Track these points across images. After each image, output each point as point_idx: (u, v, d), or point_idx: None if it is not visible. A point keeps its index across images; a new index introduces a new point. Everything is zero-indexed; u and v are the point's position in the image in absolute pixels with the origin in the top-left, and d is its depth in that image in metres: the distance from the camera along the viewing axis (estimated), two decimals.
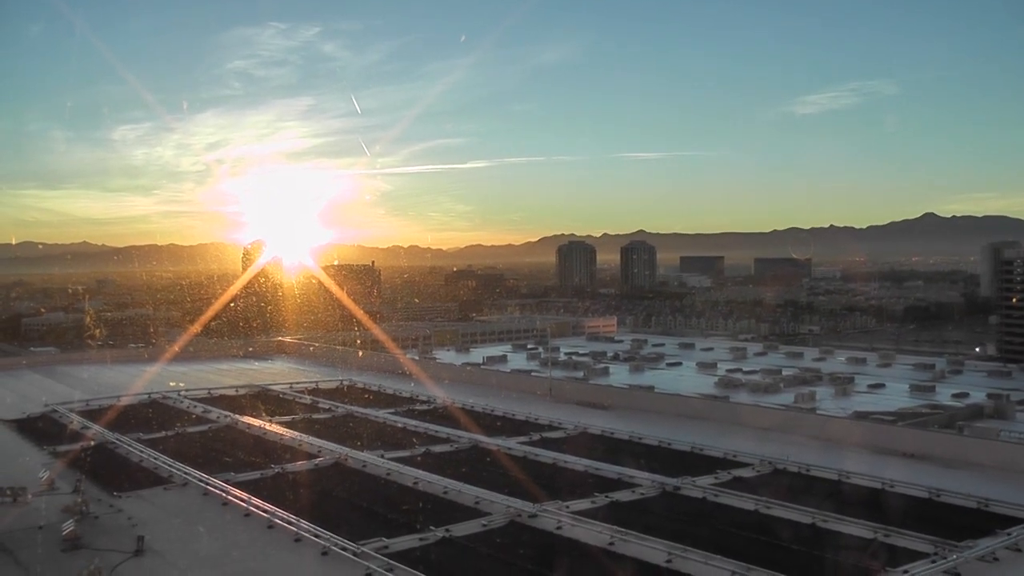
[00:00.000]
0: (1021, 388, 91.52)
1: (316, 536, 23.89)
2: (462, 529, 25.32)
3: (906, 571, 21.35)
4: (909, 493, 29.41)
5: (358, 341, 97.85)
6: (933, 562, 22.18)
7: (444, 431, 40.83)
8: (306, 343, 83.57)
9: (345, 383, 57.45)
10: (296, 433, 40.08)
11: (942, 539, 23.59)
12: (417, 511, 27.45)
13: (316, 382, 57.45)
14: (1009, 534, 24.72)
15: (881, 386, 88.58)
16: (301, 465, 34.08)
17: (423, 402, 50.16)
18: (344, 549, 22.86)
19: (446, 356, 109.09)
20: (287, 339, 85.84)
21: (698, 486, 30.35)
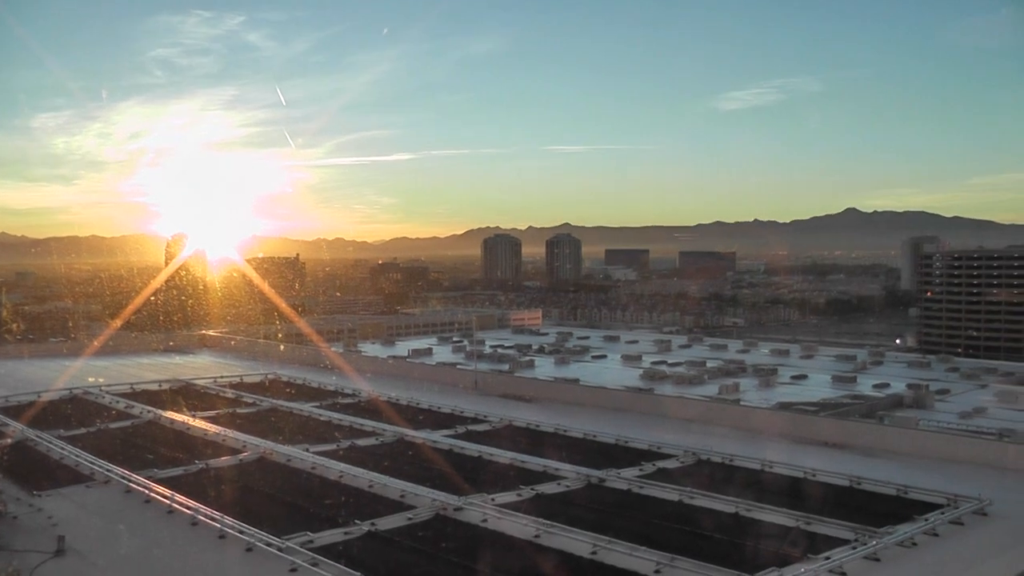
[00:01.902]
0: (940, 378, 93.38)
1: (240, 532, 23.72)
2: (387, 523, 25.30)
3: (828, 557, 21.71)
4: (830, 482, 29.86)
5: (283, 335, 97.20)
6: (853, 548, 22.59)
7: (369, 424, 40.69)
8: (230, 337, 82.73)
9: (270, 377, 57.02)
10: (220, 428, 39.71)
11: (862, 526, 24.03)
12: (342, 505, 27.38)
13: (240, 376, 56.93)
14: (927, 519, 25.24)
15: (804, 377, 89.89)
16: (225, 460, 33.78)
17: (348, 395, 49.94)
18: (268, 545, 22.74)
19: (371, 349, 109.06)
20: (211, 333, 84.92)
21: (623, 478, 30.54)
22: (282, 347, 75.13)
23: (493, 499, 27.69)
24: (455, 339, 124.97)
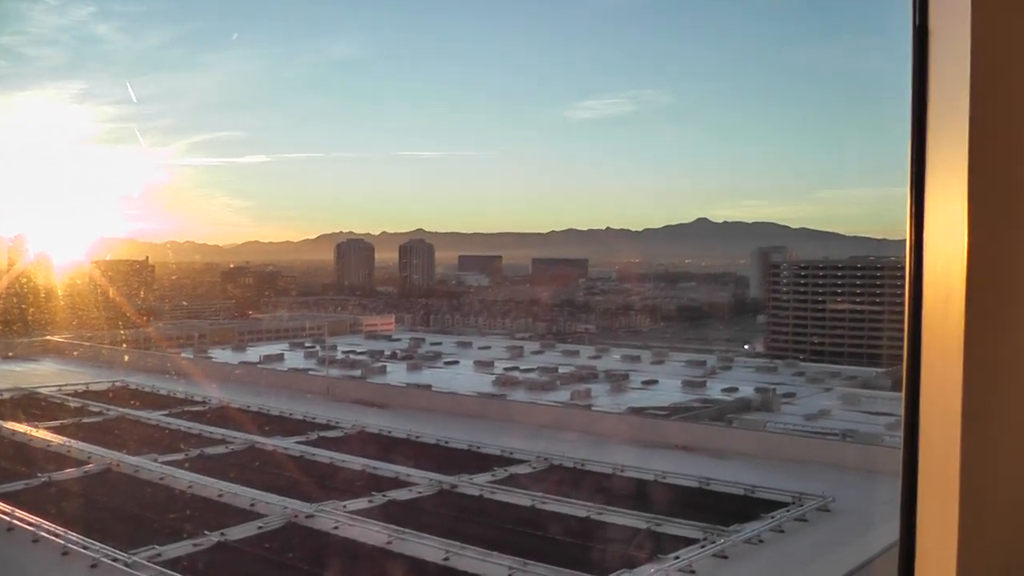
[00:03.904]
0: (786, 382, 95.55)
1: (85, 548, 23.12)
2: (238, 532, 24.97)
3: (677, 557, 22.10)
4: (680, 483, 30.43)
5: (131, 341, 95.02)
6: (702, 547, 23.09)
7: (219, 432, 40.12)
8: (76, 343, 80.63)
9: (117, 385, 55.71)
10: (64, 439, 38.67)
11: (711, 525, 24.58)
12: (191, 516, 26.93)
13: (86, 384, 55.46)
14: (773, 517, 25.93)
15: (654, 382, 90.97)
16: (70, 473, 32.90)
17: (198, 403, 49.09)
18: (115, 560, 22.23)
19: (222, 355, 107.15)
20: (56, 339, 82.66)
21: (475, 483, 30.66)
22: (130, 354, 73.51)
23: (345, 506, 27.55)
24: (307, 345, 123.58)
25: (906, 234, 3.09)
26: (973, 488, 2.81)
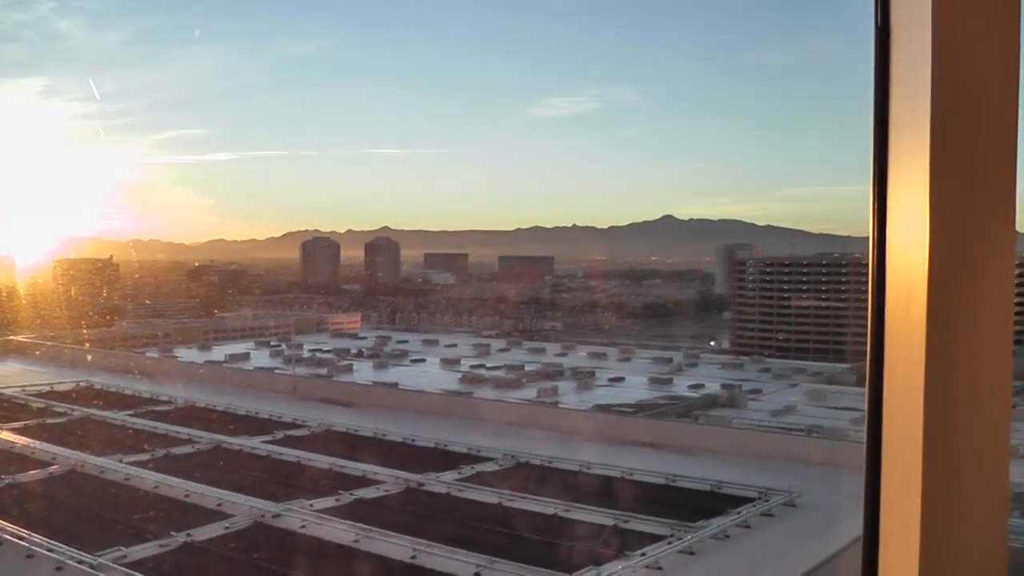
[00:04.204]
0: (752, 379, 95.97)
1: (49, 551, 22.95)
2: (204, 533, 24.86)
3: (644, 554, 22.17)
4: (647, 480, 30.52)
5: (95, 340, 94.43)
6: (669, 543, 23.17)
7: (185, 432, 39.91)
8: (39, 343, 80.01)
9: (82, 385, 55.31)
10: (28, 440, 38.38)
11: (678, 521, 24.70)
12: (157, 517, 26.79)
13: (51, 384, 55.02)
14: (739, 513, 26.08)
15: (621, 379, 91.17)
16: (34, 474, 32.64)
17: (163, 403, 48.81)
18: (80, 562, 22.08)
19: (188, 354, 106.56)
20: (19, 339, 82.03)
21: (442, 481, 30.65)
22: (95, 353, 73.02)
23: (312, 505, 27.48)
24: (273, 343, 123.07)
25: (869, 232, 3.13)
26: (936, 482, 2.84)
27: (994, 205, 2.89)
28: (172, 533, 24.45)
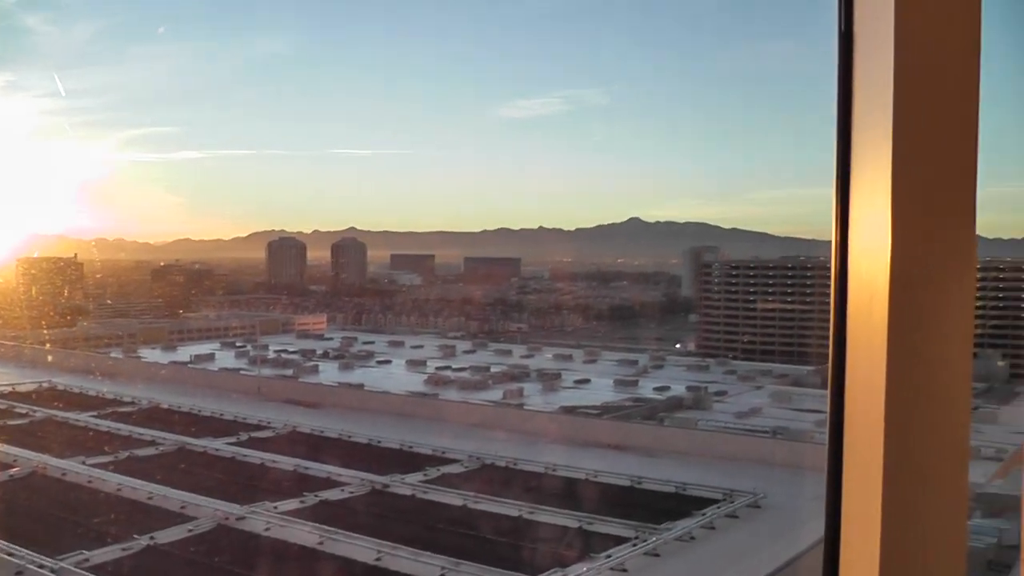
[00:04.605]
0: (718, 381, 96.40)
1: (10, 555, 22.76)
2: (168, 535, 24.75)
3: (609, 555, 22.23)
4: (612, 482, 30.61)
5: (58, 340, 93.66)
6: (634, 545, 23.26)
7: (149, 434, 39.69)
8: (0, 343, 79.43)
9: (45, 386, 54.85)
10: None
11: (643, 523, 24.78)
12: (120, 520, 26.64)
13: (12, 386, 54.52)
14: (704, 514, 26.20)
15: (587, 381, 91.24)
16: None
17: (127, 404, 48.49)
18: (41, 567, 21.92)
19: (152, 355, 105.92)
20: None
21: (407, 483, 30.64)
22: (57, 354, 72.47)
23: (276, 507, 27.40)
24: (238, 344, 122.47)
25: (832, 235, 3.16)
26: (896, 483, 2.87)
27: (955, 209, 2.92)
28: (135, 536, 24.33)
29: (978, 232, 2.99)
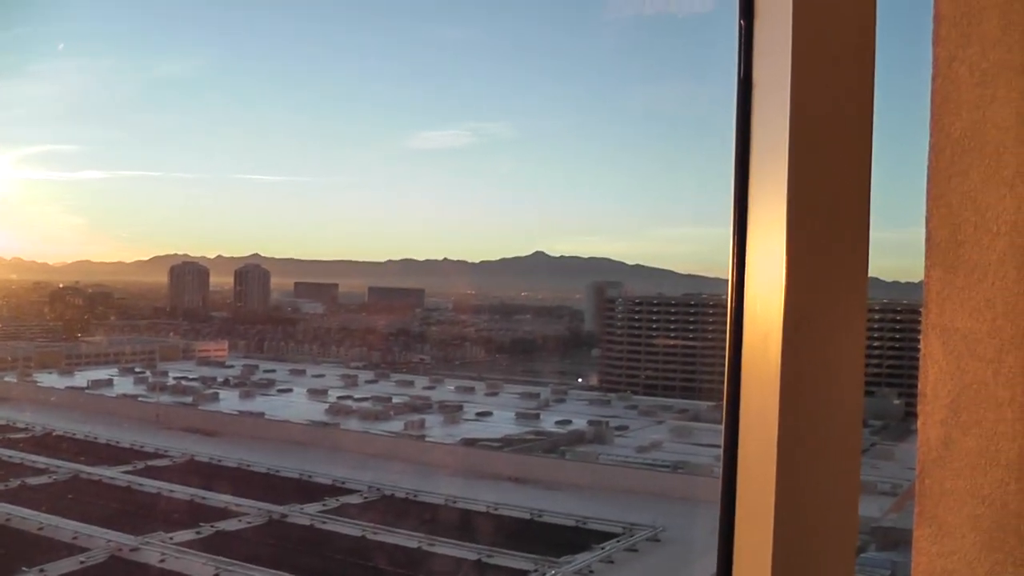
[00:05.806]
0: (619, 415, 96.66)
1: None
2: (58, 568, 24.31)
3: None
4: (512, 515, 30.67)
5: None
6: None
7: (42, 461, 38.89)
8: None
9: None
10: None
11: (542, 556, 24.83)
12: (8, 552, 26.08)
13: None
14: (604, 548, 26.36)
15: (488, 414, 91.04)
16: None
17: (20, 430, 47.46)
18: None
19: (48, 379, 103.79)
20: None
21: (306, 513, 30.43)
22: None
23: (171, 538, 27.04)
24: (137, 370, 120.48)
25: (729, 274, 3.24)
26: (787, 518, 2.94)
27: (848, 253, 3.01)
28: (24, 569, 23.83)
29: (878, 275, 3.09)
